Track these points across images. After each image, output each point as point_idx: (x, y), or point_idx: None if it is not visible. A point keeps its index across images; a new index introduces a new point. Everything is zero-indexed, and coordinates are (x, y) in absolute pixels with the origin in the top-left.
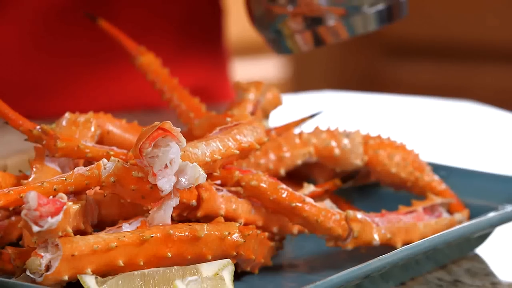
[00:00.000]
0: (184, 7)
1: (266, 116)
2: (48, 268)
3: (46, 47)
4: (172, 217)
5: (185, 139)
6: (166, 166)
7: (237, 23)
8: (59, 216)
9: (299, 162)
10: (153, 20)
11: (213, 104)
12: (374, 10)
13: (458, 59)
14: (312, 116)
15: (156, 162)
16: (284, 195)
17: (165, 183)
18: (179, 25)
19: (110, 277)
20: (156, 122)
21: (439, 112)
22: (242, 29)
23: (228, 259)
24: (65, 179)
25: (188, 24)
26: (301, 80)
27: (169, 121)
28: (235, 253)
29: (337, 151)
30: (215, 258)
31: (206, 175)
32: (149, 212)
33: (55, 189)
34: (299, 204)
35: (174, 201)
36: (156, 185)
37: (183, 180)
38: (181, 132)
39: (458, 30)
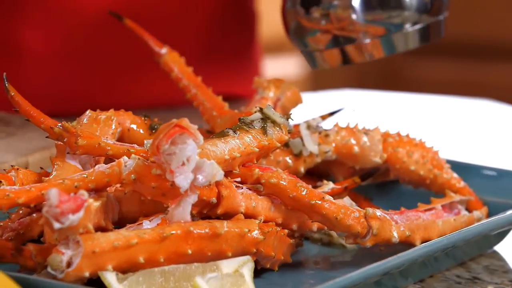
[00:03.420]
0: (217, 12)
1: (286, 113)
2: (69, 264)
3: (68, 49)
4: (192, 215)
5: (202, 137)
6: (183, 164)
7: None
8: (80, 213)
9: (318, 159)
10: (185, 26)
11: (236, 103)
12: (411, 29)
13: (477, 57)
14: (332, 113)
15: (173, 159)
16: (303, 193)
17: (183, 180)
18: (213, 32)
19: (131, 273)
20: (174, 120)
21: (457, 110)
22: (262, 28)
23: (248, 256)
24: (86, 176)
25: (221, 30)
26: (321, 78)
27: (186, 118)
28: (255, 250)
29: (356, 148)
30: (235, 255)
31: (223, 172)
32: (168, 209)
33: (76, 186)
34: (319, 202)
35: (192, 198)
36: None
37: (200, 177)
38: (202, 129)
39: (476, 28)
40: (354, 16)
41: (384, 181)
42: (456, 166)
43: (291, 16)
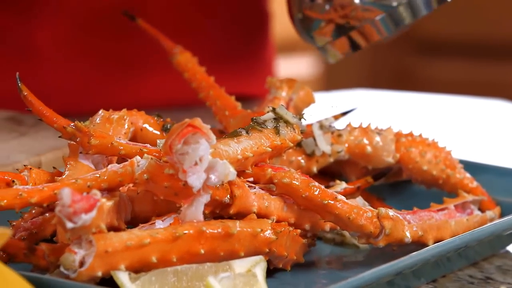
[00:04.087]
0: (230, 12)
1: (298, 113)
2: (81, 264)
3: (81, 48)
4: (205, 214)
5: (215, 136)
6: (196, 163)
7: None
8: (93, 213)
9: (331, 159)
10: (198, 25)
11: (249, 102)
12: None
13: (490, 57)
14: (345, 113)
15: (186, 159)
16: (316, 193)
17: (195, 180)
18: (226, 32)
19: (143, 273)
20: (186, 119)
21: (470, 110)
22: (275, 28)
23: (261, 256)
24: (99, 176)
25: (234, 30)
26: (333, 78)
27: (199, 118)
28: (267, 250)
29: (369, 148)
30: (248, 254)
31: (236, 172)
32: (181, 209)
33: (89, 186)
34: (331, 202)
35: (205, 198)
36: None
37: (213, 177)
38: (214, 129)
39: (490, 27)
40: (357, 1)
41: (397, 181)
42: (469, 166)
43: (296, 11)
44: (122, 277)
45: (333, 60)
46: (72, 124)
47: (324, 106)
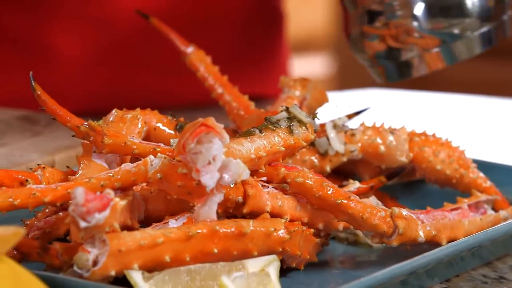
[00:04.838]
0: (244, 12)
1: (312, 113)
2: (95, 263)
3: (95, 49)
4: (218, 214)
5: (228, 136)
6: (209, 163)
7: None
8: (106, 212)
9: (344, 159)
10: (212, 24)
11: (262, 102)
12: (473, 35)
13: (504, 56)
14: (358, 113)
15: (199, 158)
16: (329, 192)
17: (209, 179)
18: (240, 32)
19: (157, 272)
20: (200, 118)
21: (484, 109)
22: (289, 27)
23: (274, 255)
24: (112, 175)
25: (248, 30)
26: (346, 77)
27: (212, 117)
28: (280, 249)
29: (382, 148)
30: (261, 254)
31: (249, 172)
32: (195, 208)
33: (102, 185)
34: (345, 201)
35: (218, 197)
36: None
37: (226, 176)
38: (228, 128)
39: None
40: (415, 24)
41: (410, 180)
42: (483, 166)
43: (352, 27)
44: (136, 276)
45: (380, 80)
46: (85, 123)
47: (338, 105)
